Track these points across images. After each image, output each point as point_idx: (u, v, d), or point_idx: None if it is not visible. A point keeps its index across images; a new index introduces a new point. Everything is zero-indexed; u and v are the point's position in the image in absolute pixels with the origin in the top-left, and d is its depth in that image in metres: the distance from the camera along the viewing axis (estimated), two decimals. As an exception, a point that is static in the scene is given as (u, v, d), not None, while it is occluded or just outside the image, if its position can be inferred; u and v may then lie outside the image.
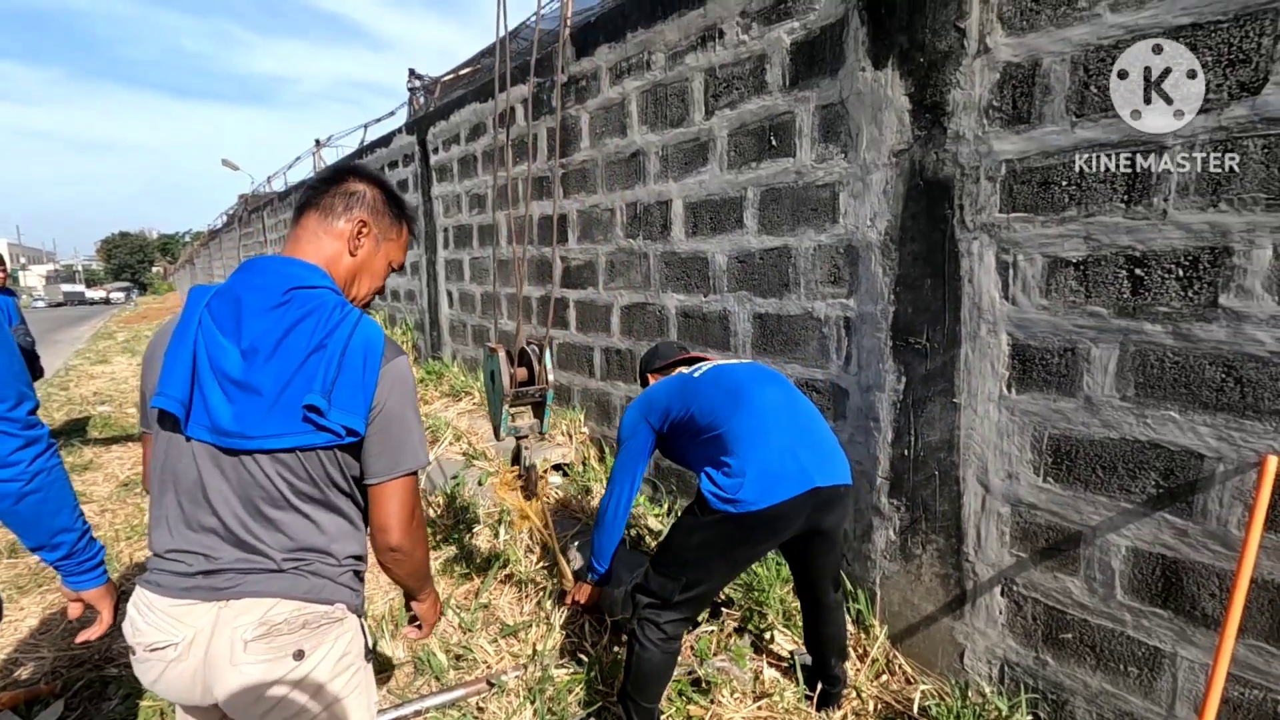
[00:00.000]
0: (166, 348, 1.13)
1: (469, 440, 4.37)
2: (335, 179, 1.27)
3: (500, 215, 5.03)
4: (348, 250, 1.25)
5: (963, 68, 2.02)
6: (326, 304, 1.14)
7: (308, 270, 1.18)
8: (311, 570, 1.15)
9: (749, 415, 1.87)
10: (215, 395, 1.08)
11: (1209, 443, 1.65)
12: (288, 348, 1.09)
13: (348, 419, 1.10)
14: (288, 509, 1.13)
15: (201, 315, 1.12)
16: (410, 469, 1.19)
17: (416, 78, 8.56)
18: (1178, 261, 1.67)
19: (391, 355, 1.18)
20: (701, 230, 3.08)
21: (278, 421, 1.08)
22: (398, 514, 1.18)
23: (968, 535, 2.16)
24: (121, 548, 3.71)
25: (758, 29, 2.68)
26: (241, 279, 1.16)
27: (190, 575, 1.12)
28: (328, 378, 1.09)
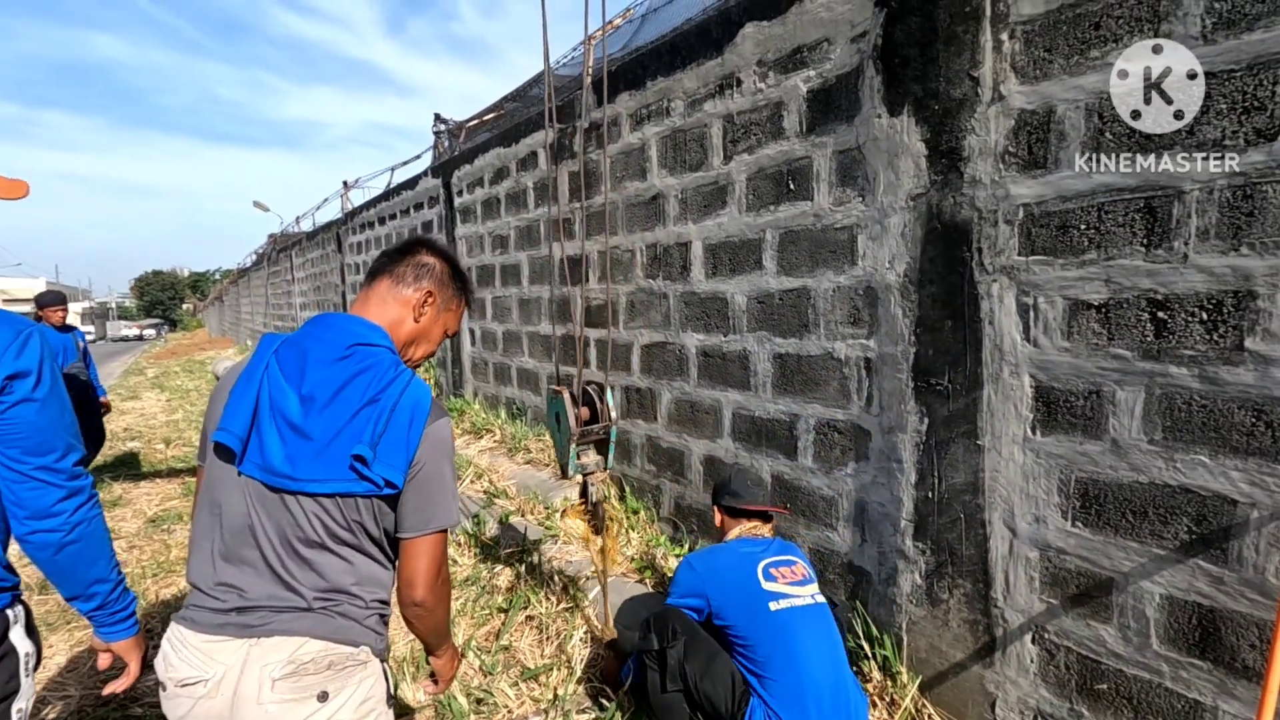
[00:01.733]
0: (233, 387, 1.21)
1: (490, 478, 4.39)
2: (410, 250, 1.38)
3: (523, 255, 5.12)
4: (412, 316, 1.35)
5: (977, 114, 2.06)
6: (383, 362, 1.22)
7: (370, 330, 1.27)
8: (339, 611, 1.19)
9: (796, 684, 1.86)
10: (271, 436, 1.15)
11: (1241, 488, 1.62)
12: (343, 399, 1.16)
13: (388, 472, 1.16)
14: (322, 550, 1.18)
15: (269, 361, 1.21)
16: (441, 526, 1.24)
17: (441, 122, 8.82)
18: (1201, 305, 1.66)
19: (436, 417, 1.24)
20: (721, 271, 3.12)
21: (324, 467, 1.14)
22: (425, 569, 1.23)
23: (995, 580, 2.12)
24: (148, 584, 3.75)
25: (774, 77, 2.75)
26: (310, 331, 1.25)
27: (224, 612, 1.16)
28: (376, 431, 1.16)
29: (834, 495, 2.65)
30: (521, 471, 4.50)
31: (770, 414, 2.91)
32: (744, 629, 1.91)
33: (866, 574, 2.54)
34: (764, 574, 1.98)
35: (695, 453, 3.38)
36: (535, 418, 5.18)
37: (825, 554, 2.70)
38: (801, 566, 2.04)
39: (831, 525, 2.67)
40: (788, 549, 2.12)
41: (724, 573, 2.01)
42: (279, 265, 16.33)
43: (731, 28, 2.92)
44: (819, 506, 2.72)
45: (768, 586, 1.94)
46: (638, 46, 4.51)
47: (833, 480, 2.65)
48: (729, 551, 2.09)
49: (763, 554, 2.05)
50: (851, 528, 2.59)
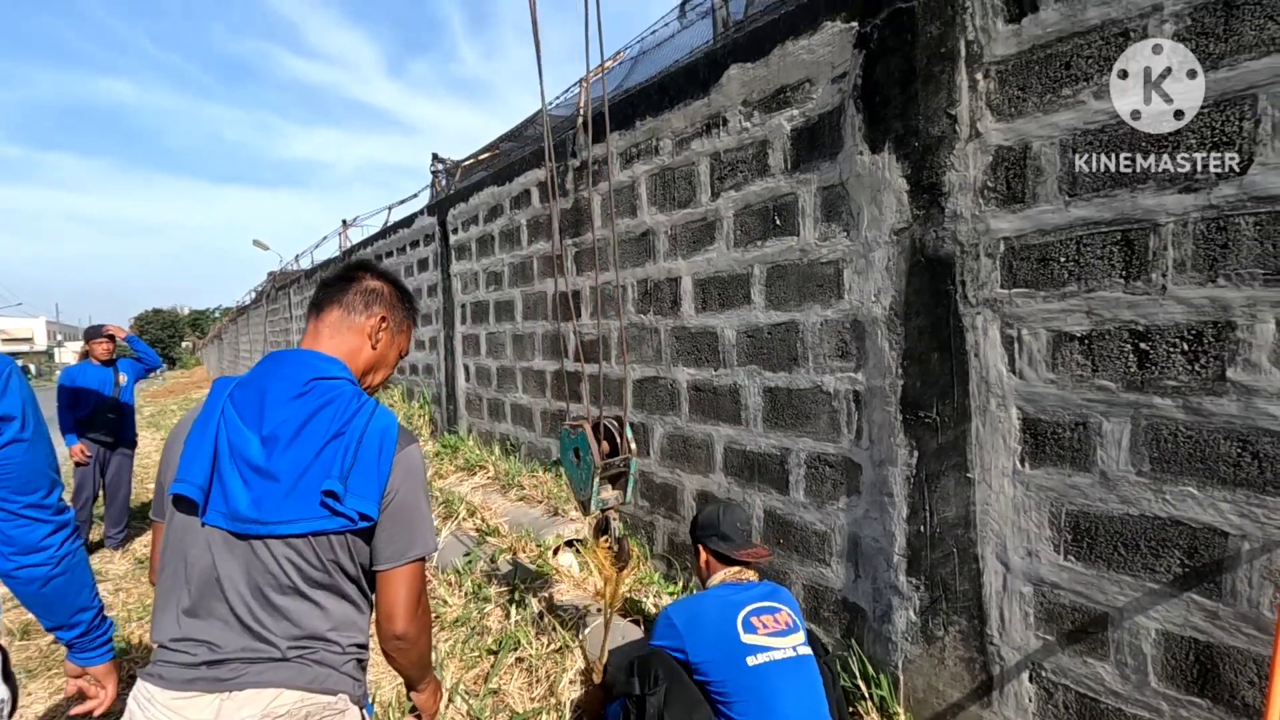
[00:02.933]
0: (187, 436, 1.17)
1: (482, 515, 4.34)
2: (353, 277, 1.35)
3: (516, 291, 5.16)
4: (369, 344, 1.33)
5: (956, 151, 2.10)
6: (345, 394, 1.20)
7: (328, 362, 1.24)
8: (316, 659, 1.15)
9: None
10: (234, 482, 1.11)
11: (1231, 520, 1.61)
12: (307, 435, 1.13)
13: (362, 504, 1.13)
14: (295, 595, 1.14)
15: (224, 405, 1.17)
16: (419, 555, 1.21)
17: (439, 161, 8.97)
18: (1181, 336, 1.67)
19: (405, 443, 1.22)
20: (710, 306, 3.14)
21: (294, 507, 1.11)
22: (405, 600, 1.19)
23: (990, 616, 2.08)
24: (133, 628, 3.68)
25: (759, 117, 2.81)
26: (265, 370, 1.22)
27: (194, 666, 1.11)
28: (344, 464, 1.13)
29: (827, 530, 2.62)
30: (514, 509, 4.45)
31: (762, 448, 2.90)
32: (721, 683, 1.83)
33: (861, 611, 2.50)
34: (744, 625, 1.89)
35: (688, 488, 3.36)
36: (529, 453, 5.15)
37: (819, 590, 2.66)
38: (785, 614, 1.96)
39: (825, 561, 2.64)
40: (774, 594, 2.04)
41: (703, 626, 1.91)
42: (278, 303, 16.42)
43: (717, 69, 2.99)
44: (812, 542, 2.69)
45: (747, 639, 1.86)
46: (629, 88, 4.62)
47: (825, 515, 2.63)
48: (710, 600, 1.99)
49: (746, 601, 1.96)
50: (845, 563, 2.56)
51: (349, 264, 1.40)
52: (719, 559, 2.13)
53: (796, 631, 1.93)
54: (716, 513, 2.19)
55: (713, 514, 2.19)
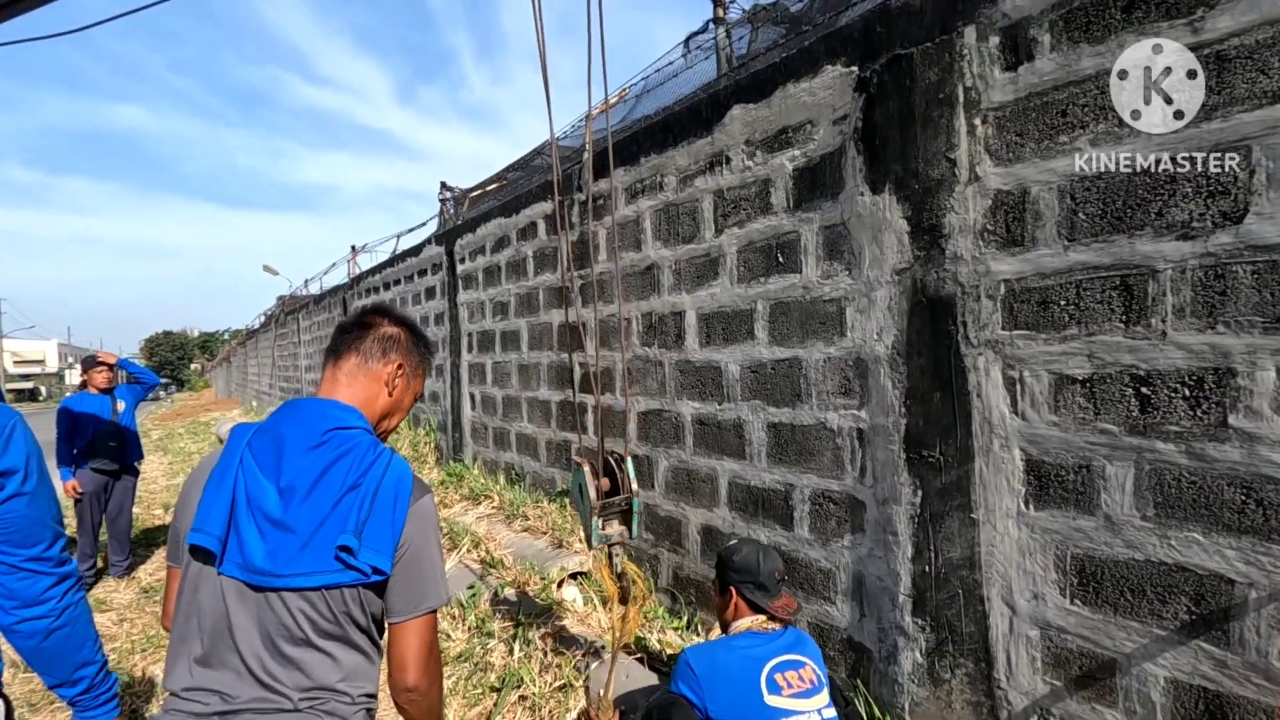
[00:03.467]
0: (205, 484, 1.18)
1: (487, 547, 4.33)
2: (370, 323, 1.37)
3: (523, 322, 5.20)
4: (385, 390, 1.35)
5: (955, 194, 2.13)
6: (361, 444, 1.21)
7: (345, 412, 1.26)
8: (326, 710, 1.15)
9: None
10: (251, 533, 1.13)
11: (1237, 567, 1.60)
12: (323, 487, 1.15)
13: (376, 559, 1.14)
14: (307, 647, 1.15)
15: (243, 454, 1.19)
16: (431, 607, 1.22)
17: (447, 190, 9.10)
18: (1183, 381, 1.68)
19: (419, 495, 1.24)
20: (714, 340, 3.16)
21: (309, 560, 1.12)
22: (417, 651, 1.20)
23: (997, 660, 2.06)
24: (136, 660, 3.67)
25: (761, 156, 2.85)
26: (283, 419, 1.24)
27: (206, 716, 1.12)
28: (359, 518, 1.14)
29: (831, 568, 2.61)
30: (519, 540, 4.44)
31: (766, 483, 2.90)
32: None
33: (867, 651, 2.47)
34: (768, 683, 1.81)
35: (693, 522, 3.35)
36: (534, 483, 5.15)
37: (824, 629, 2.64)
38: (810, 670, 1.88)
39: (830, 599, 2.62)
40: (798, 644, 1.95)
41: (724, 683, 1.83)
42: (286, 327, 16.55)
43: (720, 109, 3.04)
44: (817, 579, 2.67)
45: (771, 701, 1.78)
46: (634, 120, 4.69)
47: (830, 552, 2.61)
48: (733, 653, 1.90)
49: (770, 654, 1.88)
50: (850, 602, 2.54)
51: (366, 308, 1.42)
52: (750, 606, 2.02)
53: (820, 690, 1.85)
54: (756, 558, 2.04)
55: (751, 559, 2.04)
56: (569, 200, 4.31)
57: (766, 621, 2.00)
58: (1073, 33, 1.86)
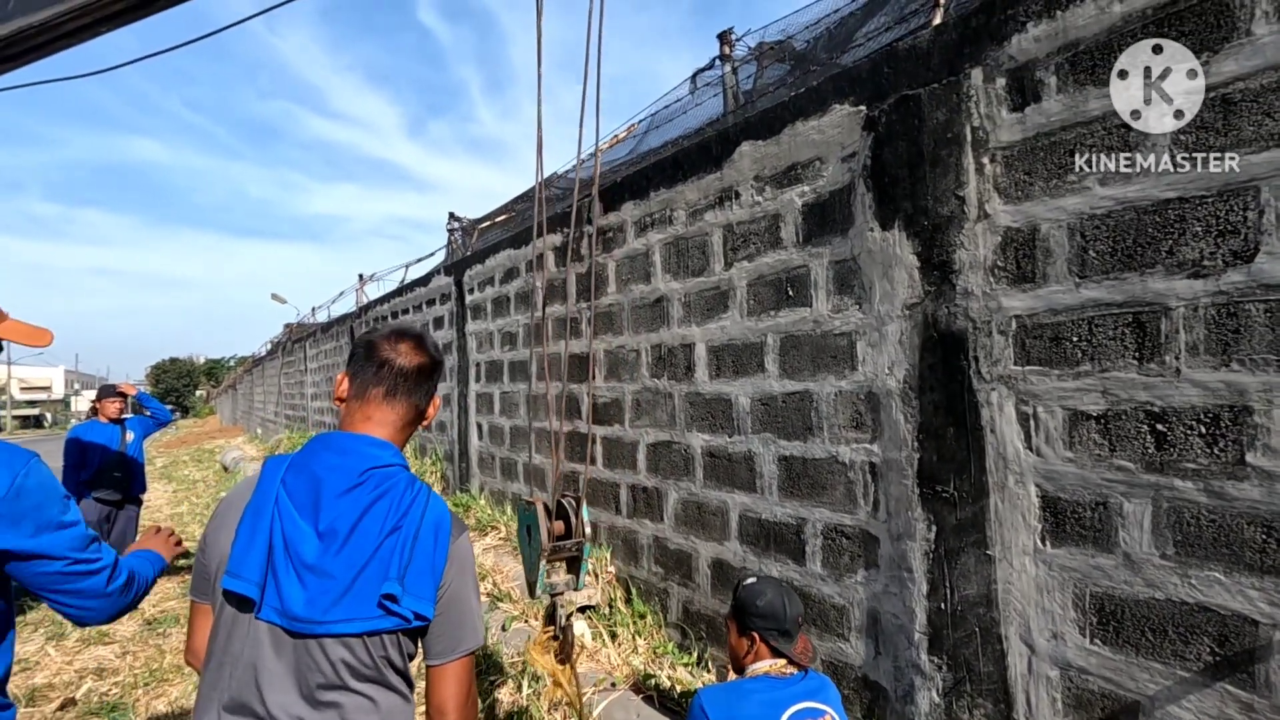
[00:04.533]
0: (240, 522, 1.15)
1: (494, 579, 4.30)
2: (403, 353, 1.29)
3: (530, 352, 5.22)
4: (422, 422, 1.35)
5: (965, 231, 2.15)
6: (400, 484, 1.20)
7: (381, 448, 1.23)
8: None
9: None
10: (290, 579, 1.10)
11: (1261, 608, 1.58)
12: (363, 531, 1.13)
13: (418, 605, 1.13)
14: (344, 691, 1.12)
15: (279, 493, 1.16)
16: (470, 649, 1.20)
17: (455, 220, 9.22)
18: (1198, 419, 1.68)
19: (458, 534, 1.23)
20: (724, 373, 3.17)
21: (349, 606, 1.10)
22: (455, 695, 1.18)
23: (1017, 700, 2.03)
24: (139, 695, 3.62)
25: (771, 191, 2.89)
26: (318, 456, 1.20)
27: None
28: (401, 562, 1.13)
29: (845, 604, 2.58)
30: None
31: (777, 517, 2.88)
32: None
33: (883, 690, 2.43)
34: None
35: (703, 555, 3.32)
36: (541, 514, 5.12)
37: (839, 667, 2.60)
38: (830, 718, 1.81)
39: (844, 636, 2.59)
40: (818, 691, 1.88)
41: None
42: (293, 355, 16.62)
43: (729, 145, 3.10)
44: (830, 615, 2.64)
45: None
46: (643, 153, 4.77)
47: (843, 588, 2.59)
48: (751, 700, 1.83)
49: (789, 701, 1.81)
50: (865, 639, 2.51)
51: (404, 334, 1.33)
52: (772, 651, 1.96)
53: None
54: (782, 604, 1.96)
55: (777, 605, 1.96)
56: (578, 233, 4.37)
57: (785, 666, 1.94)
58: (1078, 75, 1.89)
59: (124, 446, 4.97)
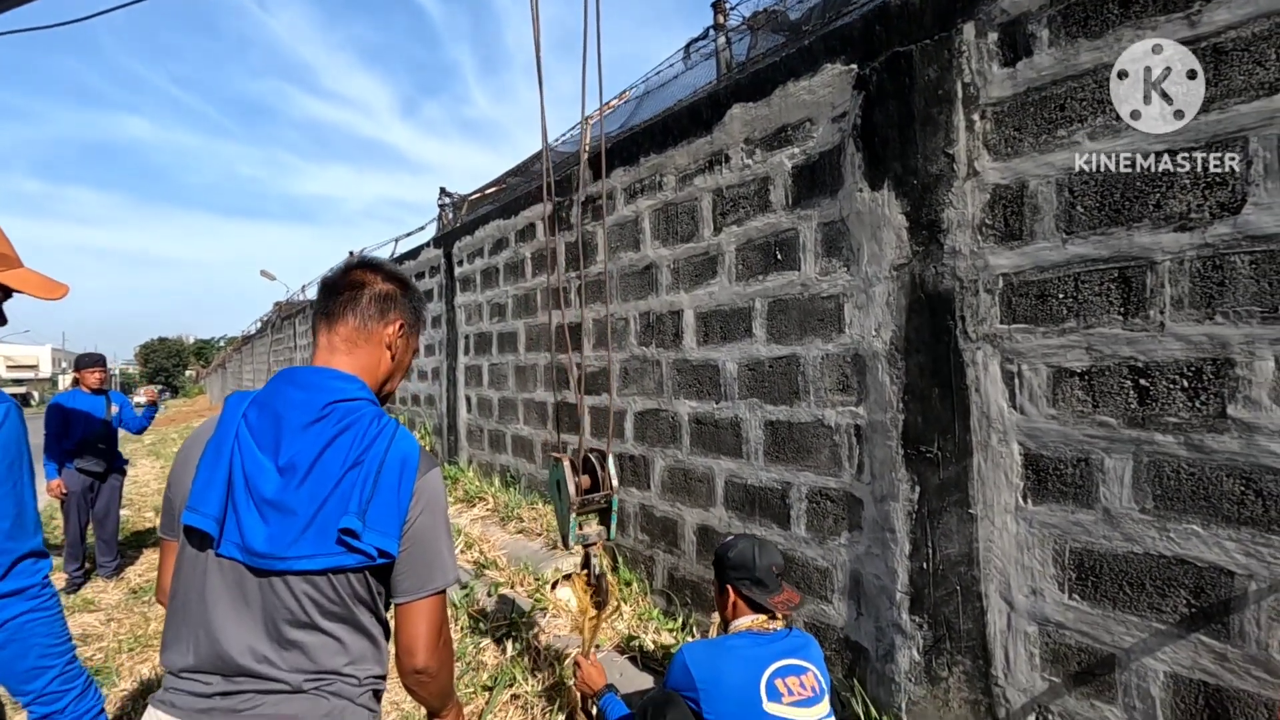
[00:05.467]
0: (201, 457, 1.13)
1: (481, 548, 4.30)
2: (361, 281, 1.26)
3: (520, 323, 5.19)
4: (388, 355, 1.27)
5: (954, 189, 2.13)
6: (364, 417, 1.15)
7: (345, 381, 1.18)
8: (332, 690, 1.12)
9: None
10: (250, 516, 1.07)
11: (1237, 559, 1.59)
12: (324, 465, 1.09)
13: (381, 541, 1.09)
14: (312, 629, 1.10)
15: (239, 428, 1.12)
16: (440, 587, 1.17)
17: (446, 195, 9.13)
18: (1181, 372, 1.68)
19: (426, 468, 1.18)
20: (712, 339, 3.15)
21: (311, 543, 1.07)
22: (425, 635, 1.15)
23: (995, 657, 2.04)
24: (124, 659, 3.61)
25: (761, 154, 2.86)
26: (280, 391, 1.16)
27: (208, 696, 1.08)
28: (363, 497, 1.09)
29: (828, 566, 2.59)
30: (513, 541, 4.41)
31: (763, 482, 2.88)
32: None
33: (864, 650, 2.45)
34: (768, 689, 1.75)
35: (689, 522, 3.33)
36: (530, 486, 5.12)
37: (821, 628, 2.61)
38: (812, 676, 1.82)
39: (827, 598, 2.60)
40: (801, 648, 1.88)
41: (723, 686, 1.78)
42: (283, 332, 16.51)
43: (720, 108, 3.06)
44: (814, 578, 2.65)
45: (770, 708, 1.72)
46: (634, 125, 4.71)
47: (827, 550, 2.60)
48: (732, 656, 1.83)
49: (771, 657, 1.82)
50: (847, 600, 2.52)
51: (354, 263, 1.31)
52: (749, 604, 1.97)
53: (821, 700, 1.80)
54: (752, 553, 1.97)
55: (747, 554, 1.98)
56: (567, 201, 4.32)
57: (767, 621, 1.95)
58: (1070, 28, 1.87)
59: (109, 417, 4.91)
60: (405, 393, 8.21)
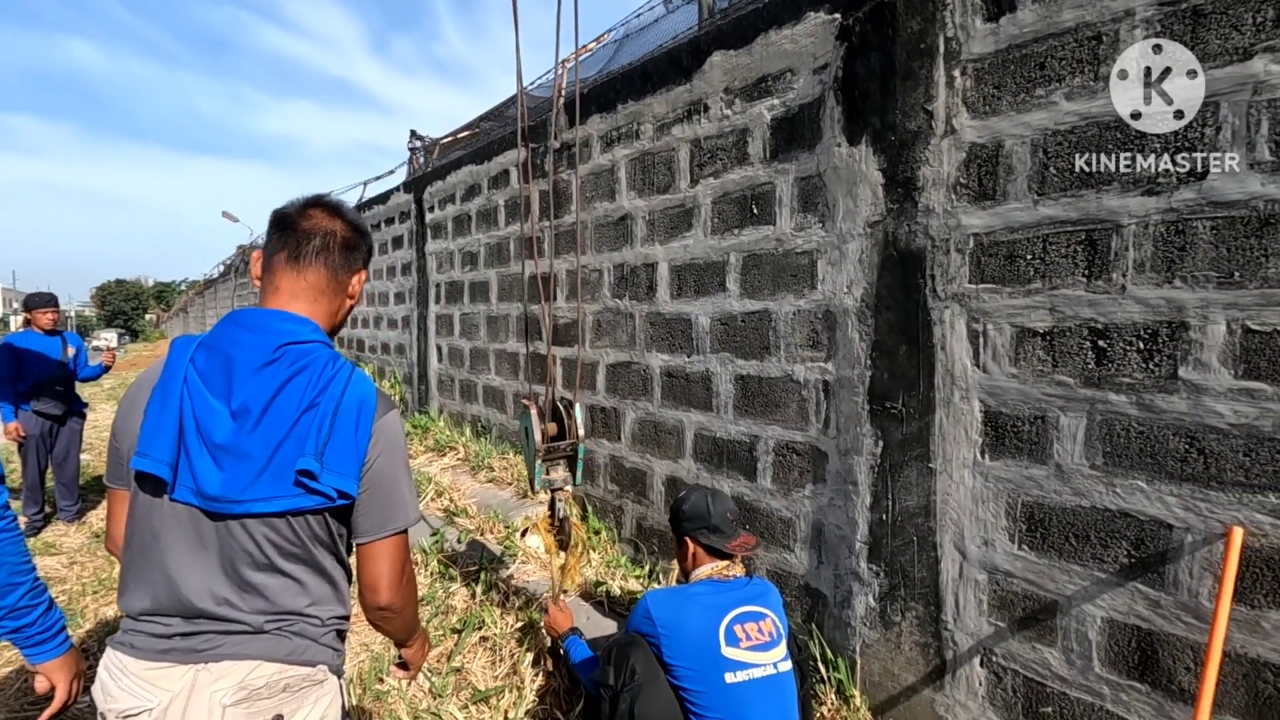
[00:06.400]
0: (148, 402, 1.09)
1: (451, 496, 4.32)
2: (329, 230, 1.22)
3: (492, 272, 5.12)
4: (349, 301, 1.27)
5: (931, 147, 2.13)
6: (319, 360, 1.12)
7: (298, 324, 1.15)
8: (295, 631, 1.12)
9: None
10: (203, 460, 1.05)
11: (1176, 513, 1.67)
12: (278, 408, 1.07)
13: (340, 481, 1.08)
14: (272, 572, 1.10)
15: (187, 372, 1.09)
16: (400, 528, 1.17)
17: (417, 138, 8.83)
18: (1138, 334, 1.72)
19: (384, 410, 1.16)
20: (686, 292, 3.15)
21: (267, 485, 1.05)
22: (387, 574, 1.16)
23: (946, 603, 2.14)
24: (87, 602, 3.60)
25: (740, 105, 2.81)
26: (228, 334, 1.12)
27: (168, 637, 1.08)
28: (319, 439, 1.07)
29: (792, 517, 2.67)
30: (483, 490, 4.44)
31: (731, 435, 2.93)
32: (696, 694, 1.77)
33: (822, 596, 2.55)
34: (727, 634, 1.80)
35: (658, 473, 3.38)
36: (500, 435, 5.13)
37: (782, 576, 2.70)
38: (770, 622, 1.87)
39: (789, 547, 2.68)
40: (760, 595, 1.93)
41: (684, 631, 1.81)
42: (246, 277, 16.05)
43: (700, 56, 2.98)
44: (777, 528, 2.73)
45: (728, 653, 1.78)
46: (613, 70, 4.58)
47: (791, 502, 2.67)
48: (694, 603, 1.87)
49: (731, 604, 1.87)
50: (808, 550, 2.60)
51: (313, 202, 1.25)
52: (708, 552, 2.01)
53: (778, 644, 1.86)
54: (705, 503, 2.03)
55: (701, 504, 2.03)
56: (542, 148, 4.22)
57: (726, 568, 2.00)
58: (1055, -16, 1.85)
59: (65, 359, 4.75)
60: (375, 341, 8.10)
